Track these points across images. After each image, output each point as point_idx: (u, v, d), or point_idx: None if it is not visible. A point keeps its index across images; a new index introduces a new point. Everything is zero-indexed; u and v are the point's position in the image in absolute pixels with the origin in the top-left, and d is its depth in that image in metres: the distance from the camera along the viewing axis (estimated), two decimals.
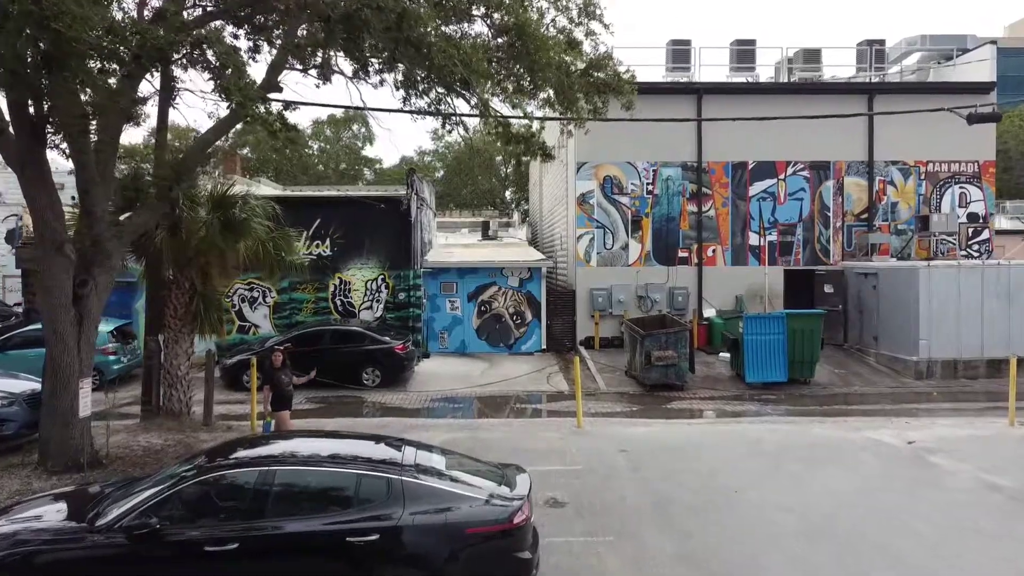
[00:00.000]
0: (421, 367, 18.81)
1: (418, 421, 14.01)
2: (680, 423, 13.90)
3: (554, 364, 19.77)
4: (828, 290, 20.89)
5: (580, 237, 22.12)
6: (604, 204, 22.07)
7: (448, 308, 21.72)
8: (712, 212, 22.18)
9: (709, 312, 21.34)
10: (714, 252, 22.21)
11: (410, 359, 17.46)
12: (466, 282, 21.74)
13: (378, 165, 55.89)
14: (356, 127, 52.41)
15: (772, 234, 22.27)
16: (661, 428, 13.32)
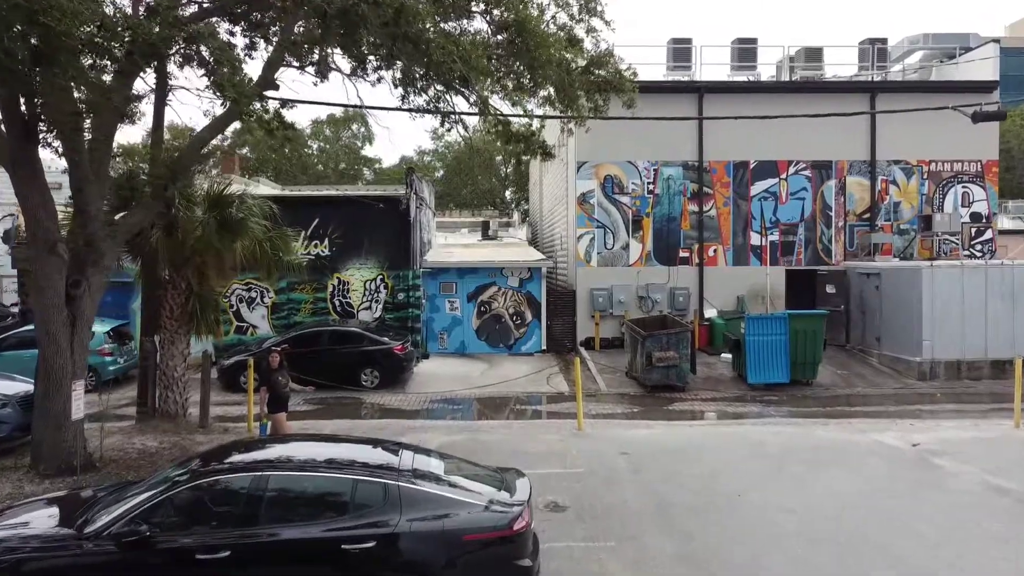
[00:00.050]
0: (420, 368, 18.67)
1: (417, 423, 13.89)
2: (682, 425, 13.77)
3: (554, 365, 19.63)
4: (830, 290, 20.74)
5: (580, 237, 21.98)
6: (605, 204, 21.93)
7: (447, 308, 21.58)
8: (713, 212, 22.05)
9: (710, 312, 21.20)
10: (715, 252, 22.07)
11: (409, 360, 17.32)
12: (466, 282, 21.60)
13: (378, 165, 55.83)
14: (356, 127, 52.34)
15: (774, 234, 22.13)
16: (663, 430, 13.19)
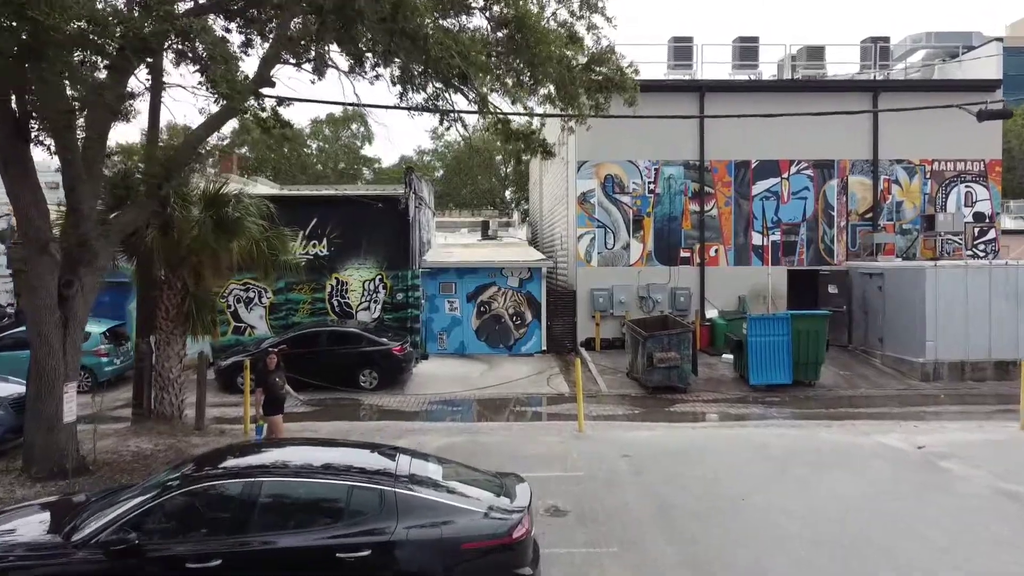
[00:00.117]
0: (419, 369, 18.50)
1: (416, 424, 13.73)
2: (683, 426, 13.61)
3: (554, 366, 19.47)
4: (832, 291, 20.58)
5: (581, 237, 21.81)
6: (605, 203, 21.77)
7: (447, 309, 21.41)
8: (714, 211, 21.89)
9: (712, 313, 21.04)
10: (717, 252, 21.91)
11: (408, 361, 17.15)
12: (465, 282, 21.43)
13: (377, 164, 55.66)
14: (355, 126, 52.17)
15: (775, 234, 21.97)
16: (664, 432, 13.03)
